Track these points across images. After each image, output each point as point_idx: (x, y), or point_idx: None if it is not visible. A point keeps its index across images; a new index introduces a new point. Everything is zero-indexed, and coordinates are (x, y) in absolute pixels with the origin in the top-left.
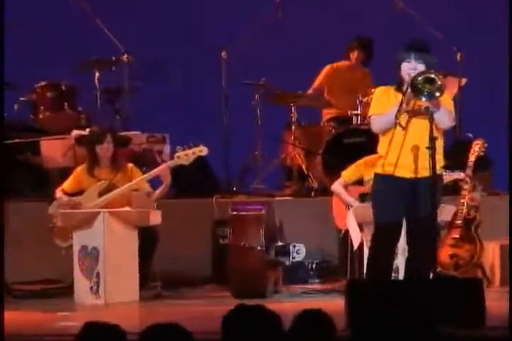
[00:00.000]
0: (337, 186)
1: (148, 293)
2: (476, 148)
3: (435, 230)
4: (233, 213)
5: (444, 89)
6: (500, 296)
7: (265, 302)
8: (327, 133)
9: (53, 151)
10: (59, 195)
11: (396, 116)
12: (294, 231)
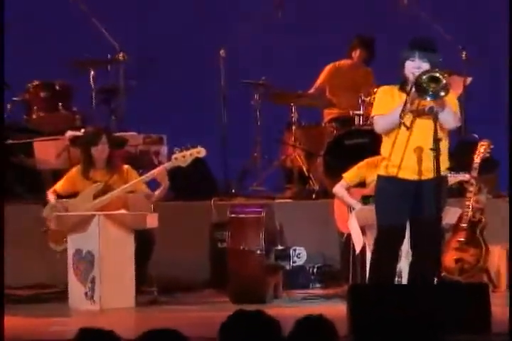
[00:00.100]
0: (339, 188)
1: (144, 299)
2: (482, 149)
3: (440, 233)
4: (232, 216)
5: (450, 88)
6: (506, 301)
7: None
8: (328, 133)
9: (47, 153)
10: (50, 198)
11: (400, 116)
12: (295, 234)
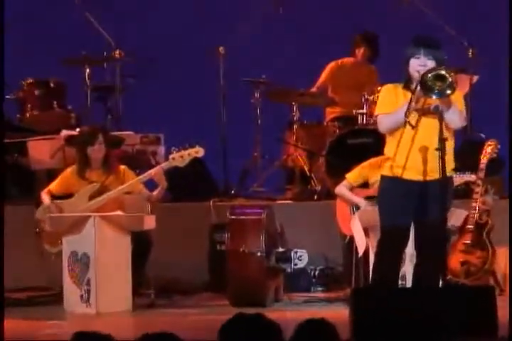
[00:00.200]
0: (341, 188)
1: (141, 301)
2: (489, 150)
3: (445, 235)
4: (232, 217)
5: (456, 86)
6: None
7: (265, 311)
8: (331, 133)
9: (41, 152)
10: (45, 198)
11: (405, 114)
12: (296, 236)
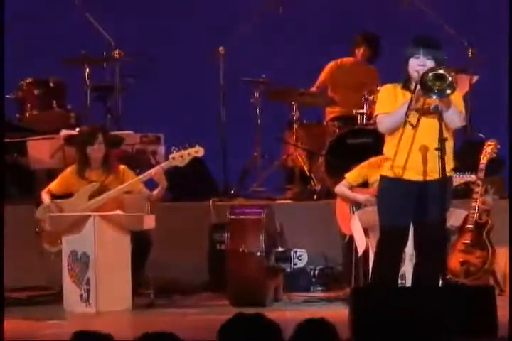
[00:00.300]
0: (341, 188)
1: (141, 301)
2: (489, 149)
3: (444, 235)
4: (231, 217)
5: (456, 86)
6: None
7: (265, 311)
8: (330, 133)
9: (41, 152)
10: (44, 198)
11: (406, 114)
12: (296, 236)
